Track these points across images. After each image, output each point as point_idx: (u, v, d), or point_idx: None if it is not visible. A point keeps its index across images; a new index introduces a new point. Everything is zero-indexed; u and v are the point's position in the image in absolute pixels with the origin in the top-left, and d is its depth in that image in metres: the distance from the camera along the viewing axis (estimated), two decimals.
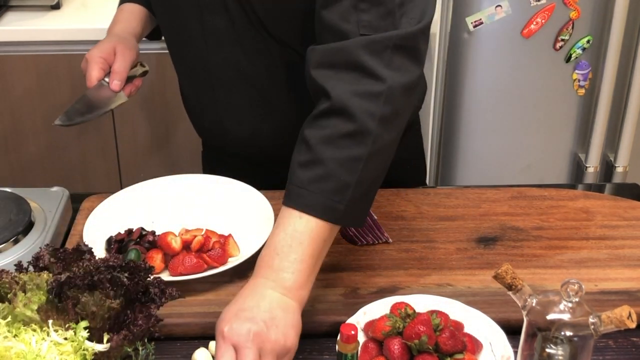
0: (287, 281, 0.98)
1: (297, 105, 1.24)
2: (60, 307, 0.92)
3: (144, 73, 1.42)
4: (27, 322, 0.91)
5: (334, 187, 1.01)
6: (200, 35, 1.26)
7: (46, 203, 1.29)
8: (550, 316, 0.87)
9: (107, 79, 1.33)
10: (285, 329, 0.95)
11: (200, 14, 1.24)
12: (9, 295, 0.93)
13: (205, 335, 1.05)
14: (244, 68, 1.26)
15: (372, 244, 1.22)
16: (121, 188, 1.30)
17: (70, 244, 1.22)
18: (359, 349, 0.92)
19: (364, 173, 1.02)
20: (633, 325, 0.84)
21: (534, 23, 2.12)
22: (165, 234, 1.16)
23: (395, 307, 1.01)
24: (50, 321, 0.90)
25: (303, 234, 1.00)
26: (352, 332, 0.84)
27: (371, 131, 1.02)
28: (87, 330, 0.90)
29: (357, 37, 1.04)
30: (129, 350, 0.92)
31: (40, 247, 1.02)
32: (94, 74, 1.32)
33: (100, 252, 1.15)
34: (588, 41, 2.25)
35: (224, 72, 1.29)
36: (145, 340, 0.94)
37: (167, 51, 2.12)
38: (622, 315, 0.84)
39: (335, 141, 1.02)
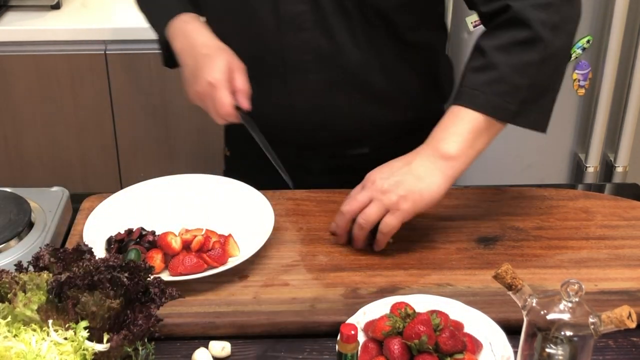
0: (443, 149, 1.14)
1: (380, 78, 1.31)
2: (60, 307, 0.92)
3: None
4: (27, 322, 0.91)
5: (507, 89, 1.15)
6: (274, 21, 1.27)
7: (46, 203, 1.29)
8: (550, 316, 0.87)
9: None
10: (423, 191, 1.12)
11: (276, 2, 1.25)
12: (9, 295, 0.93)
13: (205, 335, 1.05)
14: (324, 51, 1.28)
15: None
16: (121, 188, 1.30)
17: (70, 244, 1.22)
18: (359, 349, 0.92)
19: (536, 77, 1.16)
20: (633, 325, 0.84)
21: None
22: (165, 234, 1.16)
23: (395, 307, 1.01)
24: (50, 321, 0.90)
25: (469, 119, 1.14)
26: (352, 332, 0.84)
27: (543, 38, 1.14)
28: (87, 330, 0.90)
29: None
30: (129, 350, 0.92)
31: (40, 247, 1.02)
32: (227, 100, 1.23)
33: (100, 252, 1.15)
34: (588, 41, 2.26)
35: (300, 56, 1.29)
36: (145, 340, 0.94)
37: None
38: (622, 315, 0.84)
39: (509, 48, 1.15)
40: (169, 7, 1.36)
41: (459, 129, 1.15)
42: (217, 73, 1.23)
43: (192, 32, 1.30)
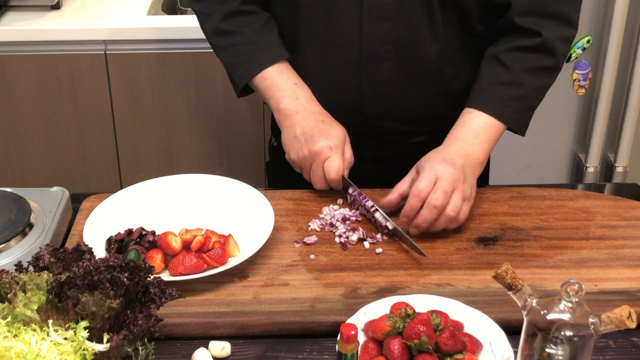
0: (476, 154, 1.28)
1: (449, 70, 1.37)
2: (60, 307, 0.92)
3: None
4: (27, 322, 0.91)
5: (526, 106, 1.33)
6: (357, 11, 1.30)
7: (46, 203, 1.29)
8: (550, 316, 0.87)
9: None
10: (473, 189, 1.25)
11: None
12: (9, 295, 0.93)
13: (205, 335, 1.05)
14: (402, 40, 1.31)
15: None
16: (121, 188, 1.30)
17: (70, 244, 1.22)
18: (359, 349, 0.92)
19: (542, 98, 1.35)
20: (633, 325, 0.84)
21: None
22: (165, 234, 1.16)
23: (395, 307, 1.01)
24: (50, 321, 0.90)
25: (491, 129, 1.30)
26: (352, 332, 0.84)
27: (559, 67, 1.35)
28: (87, 330, 0.90)
29: None
30: (129, 350, 0.92)
31: (40, 247, 1.02)
32: (340, 166, 1.30)
33: (100, 252, 1.15)
34: (588, 41, 2.26)
35: (378, 45, 1.32)
36: (145, 340, 0.94)
37: (166, 52, 2.13)
38: (622, 315, 0.84)
39: (536, 72, 1.32)
40: (264, 50, 1.37)
41: (486, 135, 1.30)
42: (336, 139, 1.31)
43: (305, 97, 1.35)
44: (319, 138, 1.30)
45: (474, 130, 1.29)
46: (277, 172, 1.59)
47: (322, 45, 1.36)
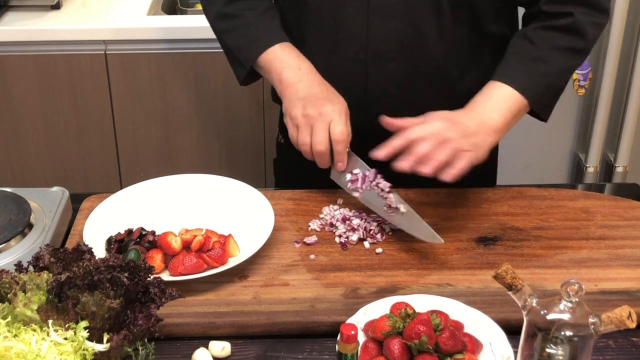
0: (493, 120, 1.24)
1: (457, 70, 1.36)
2: (60, 307, 0.92)
3: None
4: (27, 322, 0.91)
5: (549, 84, 1.31)
6: (364, 10, 1.30)
7: (46, 203, 1.29)
8: (550, 316, 0.87)
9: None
10: (479, 148, 1.21)
11: None
12: (9, 295, 0.93)
13: (205, 335, 1.05)
14: (408, 40, 1.31)
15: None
16: (121, 188, 1.30)
17: (70, 244, 1.22)
18: (359, 349, 0.92)
19: (566, 80, 1.33)
20: (633, 325, 0.84)
21: None
22: (165, 234, 1.16)
23: (395, 307, 1.01)
24: (50, 321, 0.90)
25: (513, 98, 1.27)
26: (352, 332, 0.84)
27: (589, 51, 1.33)
28: (87, 330, 0.90)
29: None
30: (129, 350, 0.92)
31: (40, 247, 1.02)
32: (346, 129, 1.27)
33: (100, 252, 1.15)
34: None
35: (384, 45, 1.32)
36: (145, 340, 0.94)
37: (166, 52, 2.13)
38: (622, 315, 0.84)
39: (564, 52, 1.30)
40: (268, 33, 1.37)
41: (507, 106, 1.27)
42: (341, 105, 1.28)
43: (307, 69, 1.33)
44: (325, 101, 1.27)
45: (494, 98, 1.27)
46: (284, 170, 1.59)
47: (328, 43, 1.36)
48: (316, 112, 1.25)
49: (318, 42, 1.37)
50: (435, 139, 1.18)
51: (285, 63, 1.33)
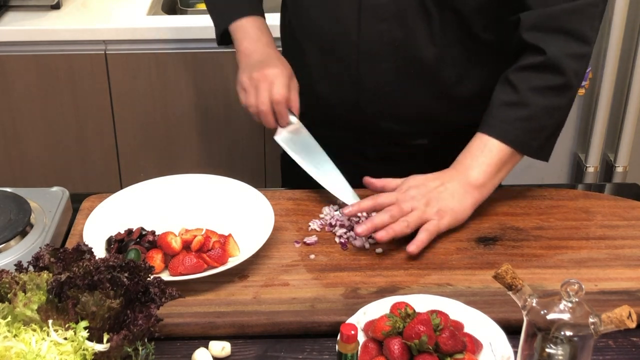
0: (472, 177, 1.25)
1: (451, 74, 1.35)
2: (60, 307, 0.92)
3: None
4: (27, 322, 0.91)
5: (534, 127, 1.27)
6: (356, 11, 1.31)
7: (46, 203, 1.29)
8: (550, 316, 0.87)
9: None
10: (456, 210, 1.23)
11: None
12: (9, 295, 0.93)
13: (205, 335, 1.05)
14: (399, 42, 1.32)
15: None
16: (121, 188, 1.30)
17: (70, 244, 1.22)
18: (359, 349, 0.92)
19: (557, 119, 1.29)
20: (633, 325, 0.84)
21: None
22: (165, 234, 1.16)
23: (395, 307, 1.01)
24: (50, 321, 0.90)
25: (495, 149, 1.26)
26: (352, 332, 0.84)
27: (573, 86, 1.26)
28: (87, 330, 0.90)
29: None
30: (129, 350, 0.92)
31: (40, 247, 1.02)
32: (284, 89, 1.33)
33: (100, 252, 1.15)
34: None
35: (375, 45, 1.33)
36: (145, 340, 0.94)
37: (165, 51, 2.13)
38: (622, 315, 0.84)
39: (543, 91, 1.25)
40: (243, 3, 1.45)
41: (487, 160, 1.26)
42: (285, 69, 1.34)
43: (266, 45, 1.40)
44: (269, 67, 1.34)
45: (473, 153, 1.27)
46: (290, 166, 1.60)
47: (323, 44, 1.38)
48: (260, 74, 1.33)
49: (312, 42, 1.40)
50: (398, 210, 1.21)
51: (247, 34, 1.41)
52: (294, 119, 1.34)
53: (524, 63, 1.27)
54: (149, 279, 0.97)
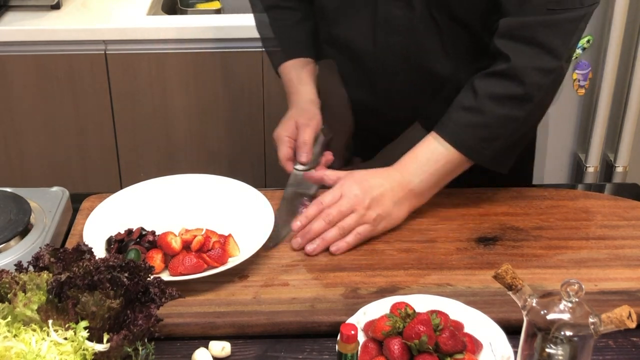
0: (412, 185, 1.25)
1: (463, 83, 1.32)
2: (60, 307, 0.92)
3: (329, 140, 1.43)
4: (27, 322, 0.91)
5: (487, 136, 1.24)
6: (371, 25, 1.33)
7: (46, 203, 1.29)
8: (550, 316, 0.87)
9: (299, 167, 1.35)
10: (393, 215, 1.24)
11: (375, 3, 1.31)
12: (9, 295, 0.93)
13: (205, 335, 1.05)
14: (412, 54, 1.33)
15: None
16: (121, 188, 1.30)
17: (70, 244, 1.22)
18: (359, 349, 0.92)
19: (515, 130, 1.24)
20: (633, 325, 0.84)
21: None
22: (165, 234, 1.16)
23: (395, 307, 1.01)
24: (50, 321, 0.90)
25: (443, 157, 1.24)
26: (352, 332, 0.84)
27: (534, 99, 1.22)
28: (87, 330, 0.90)
29: (543, 10, 1.19)
30: (129, 350, 0.92)
31: (40, 247, 1.02)
32: (282, 152, 1.37)
33: (100, 252, 1.15)
34: (588, 41, 2.26)
35: (390, 59, 1.34)
36: (145, 340, 0.94)
37: (165, 51, 2.13)
38: (622, 315, 0.84)
39: (501, 99, 1.22)
40: (295, 45, 1.50)
41: (432, 169, 1.25)
42: (280, 130, 1.39)
43: (292, 91, 1.47)
44: (280, 125, 1.40)
45: (419, 159, 1.26)
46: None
47: (342, 50, 1.41)
48: (275, 133, 1.40)
49: (339, 56, 1.42)
50: (337, 212, 1.21)
51: (292, 85, 1.47)
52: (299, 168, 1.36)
53: (490, 70, 1.24)
54: (149, 279, 0.97)
